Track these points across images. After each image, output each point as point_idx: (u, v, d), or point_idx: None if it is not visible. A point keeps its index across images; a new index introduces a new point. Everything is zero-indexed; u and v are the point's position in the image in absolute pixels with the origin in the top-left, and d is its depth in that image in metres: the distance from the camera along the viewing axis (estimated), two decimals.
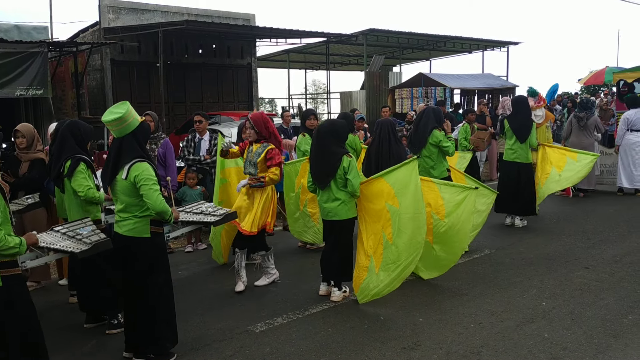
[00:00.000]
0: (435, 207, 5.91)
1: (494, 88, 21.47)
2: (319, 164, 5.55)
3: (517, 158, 8.37)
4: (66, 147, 4.97)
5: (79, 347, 4.71)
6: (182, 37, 17.08)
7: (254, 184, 5.72)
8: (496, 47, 25.20)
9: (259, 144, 5.79)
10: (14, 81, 10.96)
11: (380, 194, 5.45)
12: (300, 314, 5.29)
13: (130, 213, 4.21)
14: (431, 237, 5.89)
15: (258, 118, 5.84)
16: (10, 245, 3.37)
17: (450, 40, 23.31)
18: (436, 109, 7.51)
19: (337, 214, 5.51)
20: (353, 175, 5.38)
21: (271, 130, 5.82)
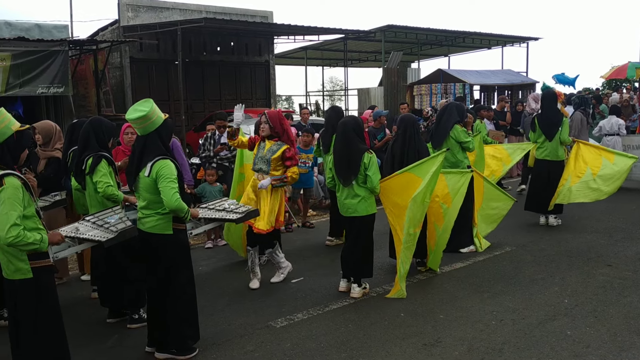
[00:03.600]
0: (443, 197, 6.13)
1: (514, 84, 21.25)
2: (345, 161, 5.53)
3: (548, 156, 8.16)
4: (88, 145, 5.00)
5: (101, 342, 4.77)
6: (201, 34, 17.18)
7: (277, 184, 5.74)
8: (516, 43, 24.97)
9: (273, 142, 5.78)
10: (36, 79, 11.14)
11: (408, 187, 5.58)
12: (320, 310, 5.30)
13: (152, 210, 4.24)
14: (441, 224, 6.11)
15: (274, 114, 5.86)
16: (29, 242, 3.40)
17: (469, 36, 23.14)
18: (459, 104, 7.46)
19: (357, 211, 5.51)
20: (373, 171, 5.40)
21: (285, 128, 5.83)
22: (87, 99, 14.53)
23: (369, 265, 5.64)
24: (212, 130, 8.34)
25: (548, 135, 8.11)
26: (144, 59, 16.81)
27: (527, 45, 24.69)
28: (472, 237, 7.02)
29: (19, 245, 3.38)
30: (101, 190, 4.85)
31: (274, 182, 5.72)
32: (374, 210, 5.60)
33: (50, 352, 3.64)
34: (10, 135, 3.54)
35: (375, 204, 5.65)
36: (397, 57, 20.50)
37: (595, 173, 7.97)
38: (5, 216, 3.32)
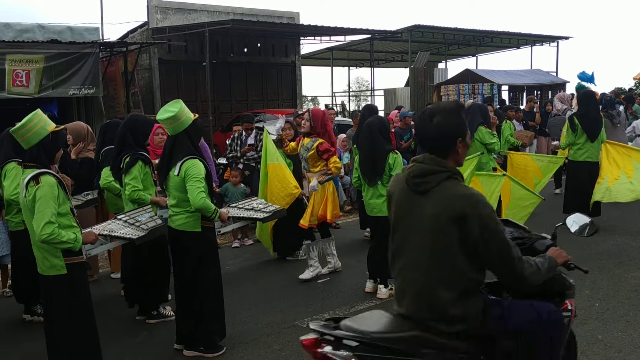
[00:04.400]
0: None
1: (544, 84, 20.92)
2: (370, 161, 5.55)
3: (589, 157, 7.95)
4: (125, 144, 5.07)
5: (131, 337, 4.86)
6: (228, 36, 17.32)
7: (324, 180, 5.84)
8: (545, 42, 24.57)
9: (309, 139, 5.85)
10: (68, 81, 11.37)
11: None
12: (346, 310, 5.30)
13: (182, 208, 4.31)
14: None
15: (318, 114, 5.96)
16: (63, 240, 3.49)
17: (497, 36, 22.86)
18: (482, 105, 7.41)
19: (382, 210, 5.51)
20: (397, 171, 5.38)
21: (327, 129, 5.88)
22: (117, 100, 14.77)
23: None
24: (238, 131, 8.42)
25: (592, 136, 7.85)
26: (172, 61, 17.02)
27: (557, 45, 24.28)
28: None
29: (52, 243, 3.46)
30: (128, 193, 4.91)
31: (320, 179, 5.79)
32: None
33: (83, 346, 3.73)
34: (46, 135, 3.63)
35: None
36: (424, 57, 20.38)
37: (630, 176, 7.80)
38: (41, 214, 3.42)
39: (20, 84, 10.76)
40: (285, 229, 6.77)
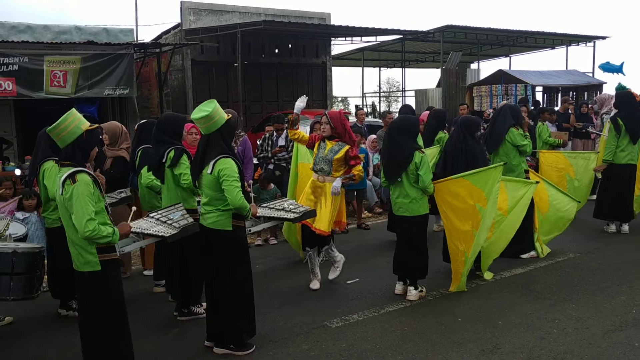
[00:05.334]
0: (499, 203, 5.94)
1: (579, 85, 20.47)
2: (390, 158, 5.57)
3: (632, 160, 7.75)
4: (162, 142, 5.14)
5: (162, 334, 4.92)
6: (259, 37, 17.44)
7: (347, 183, 5.82)
8: (581, 42, 24.05)
9: (334, 142, 5.79)
10: (103, 81, 11.60)
11: (468, 194, 5.55)
12: (376, 311, 5.28)
13: (214, 206, 4.35)
14: (491, 233, 5.92)
15: (335, 115, 5.88)
16: (103, 235, 3.57)
17: (531, 36, 22.48)
18: (513, 106, 7.28)
19: (408, 210, 5.49)
20: (424, 171, 5.38)
21: (347, 129, 5.84)
22: (150, 101, 15.02)
23: (423, 266, 5.58)
24: (270, 132, 8.46)
25: (634, 137, 7.68)
26: (205, 61, 17.21)
27: (593, 45, 23.73)
28: (533, 242, 6.82)
29: (95, 239, 3.54)
30: (187, 182, 4.96)
31: (344, 181, 5.76)
32: (425, 210, 5.56)
33: (115, 340, 3.79)
34: (80, 134, 3.70)
35: (428, 205, 5.60)
36: (456, 58, 20.16)
37: None
38: (82, 211, 3.50)
39: (57, 84, 11.03)
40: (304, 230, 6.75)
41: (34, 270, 4.05)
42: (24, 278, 3.97)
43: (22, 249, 4.00)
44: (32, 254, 3.99)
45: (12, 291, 3.91)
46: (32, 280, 4.03)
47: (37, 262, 4.09)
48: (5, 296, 3.92)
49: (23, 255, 3.92)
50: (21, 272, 3.95)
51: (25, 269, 3.98)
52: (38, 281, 4.11)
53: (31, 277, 4.02)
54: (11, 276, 3.91)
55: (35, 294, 4.11)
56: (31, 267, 4.03)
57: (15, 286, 3.92)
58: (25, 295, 4.03)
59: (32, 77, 10.71)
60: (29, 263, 4.01)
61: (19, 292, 3.96)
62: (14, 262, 3.91)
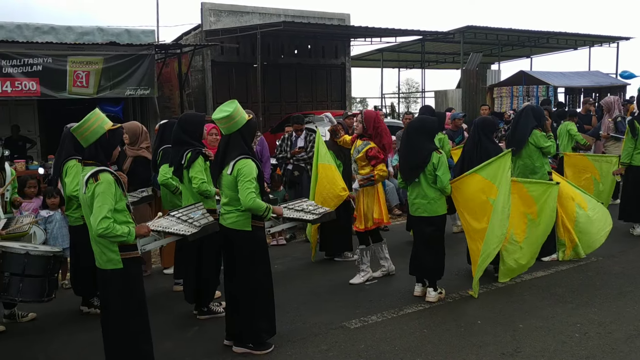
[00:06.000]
0: (527, 207, 5.87)
1: (602, 86, 20.20)
2: (408, 159, 5.57)
3: None
4: (182, 142, 5.20)
5: (182, 332, 4.96)
6: (279, 38, 17.49)
7: (365, 184, 5.82)
8: (604, 43, 23.72)
9: (361, 141, 5.84)
10: (125, 82, 11.72)
11: (480, 190, 5.52)
12: (394, 313, 5.26)
13: (233, 207, 4.37)
14: (522, 237, 5.83)
15: (371, 116, 5.93)
16: (117, 234, 3.60)
17: (553, 36, 22.22)
18: (536, 107, 7.20)
19: (426, 211, 5.49)
20: (442, 171, 5.37)
21: (379, 131, 5.85)
22: (172, 101, 15.14)
23: (440, 267, 5.56)
24: (289, 132, 8.48)
25: None
26: (224, 62, 17.31)
27: (617, 45, 23.39)
28: (555, 245, 6.72)
29: (108, 237, 3.58)
30: (196, 186, 5.03)
31: (361, 182, 5.77)
32: (443, 211, 5.55)
33: (136, 338, 3.83)
34: (103, 134, 3.75)
35: (445, 205, 5.58)
36: (476, 59, 20.02)
37: None
38: (99, 209, 3.54)
39: (80, 84, 11.17)
40: (332, 230, 6.78)
41: (47, 274, 4.05)
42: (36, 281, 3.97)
43: (35, 251, 4.02)
44: (46, 258, 4.00)
45: (21, 293, 3.93)
46: (44, 284, 4.04)
47: (51, 266, 4.08)
48: (14, 297, 3.93)
49: (36, 257, 3.94)
50: (33, 274, 3.96)
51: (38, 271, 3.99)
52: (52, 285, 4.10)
53: (43, 281, 4.03)
54: (22, 277, 3.93)
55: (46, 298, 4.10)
56: (44, 270, 4.04)
57: (24, 288, 3.93)
58: (34, 298, 4.02)
59: (55, 77, 10.86)
60: (42, 266, 4.02)
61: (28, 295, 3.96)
62: (25, 263, 3.94)
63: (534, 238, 5.96)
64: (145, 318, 3.89)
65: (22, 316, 5.29)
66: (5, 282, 3.87)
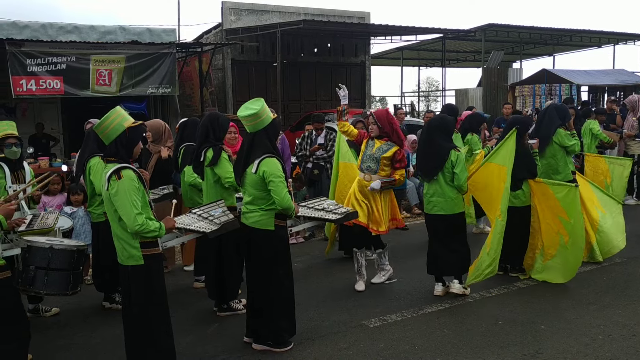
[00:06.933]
0: (555, 208, 5.80)
1: (627, 85, 19.84)
2: (427, 157, 5.55)
3: None
4: (207, 139, 5.23)
5: (202, 329, 4.99)
6: (299, 36, 17.51)
7: (386, 187, 5.73)
8: (629, 41, 23.34)
9: (383, 141, 5.74)
10: (146, 80, 11.83)
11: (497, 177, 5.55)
12: (414, 312, 5.23)
13: (257, 206, 4.37)
14: (567, 237, 5.74)
15: (382, 114, 5.84)
16: (151, 229, 3.65)
17: (576, 34, 21.91)
18: (559, 105, 7.11)
19: (444, 209, 5.48)
20: (460, 169, 5.36)
21: (394, 128, 5.79)
22: (192, 99, 15.25)
23: (460, 264, 5.53)
24: (309, 130, 8.48)
25: None
26: (244, 61, 17.39)
27: None
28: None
29: (143, 233, 3.62)
30: (230, 181, 5.04)
31: (384, 184, 5.70)
32: (461, 209, 5.54)
33: (157, 334, 3.86)
34: (123, 131, 3.77)
35: (463, 203, 5.56)
36: (497, 57, 19.84)
37: None
38: (129, 206, 3.58)
39: (103, 82, 11.30)
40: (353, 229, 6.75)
41: (71, 268, 4.11)
42: (60, 274, 4.03)
43: (59, 245, 4.07)
44: (70, 252, 4.06)
45: (46, 286, 3.99)
46: (68, 278, 4.09)
47: (75, 260, 4.14)
48: (39, 290, 4.01)
49: (60, 251, 4.00)
50: (57, 268, 4.02)
51: (62, 265, 4.05)
52: (76, 279, 4.16)
53: (68, 274, 4.09)
54: (47, 271, 3.99)
55: (71, 291, 4.16)
56: (69, 264, 4.10)
57: (49, 281, 3.99)
58: (58, 291, 4.09)
59: (78, 76, 11.00)
60: (66, 260, 4.08)
61: (52, 288, 4.03)
62: (50, 257, 4.00)
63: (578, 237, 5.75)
64: (166, 314, 3.92)
65: (46, 311, 5.38)
66: (31, 276, 3.94)
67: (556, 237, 5.82)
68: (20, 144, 5.19)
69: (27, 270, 3.97)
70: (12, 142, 5.09)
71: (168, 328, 3.93)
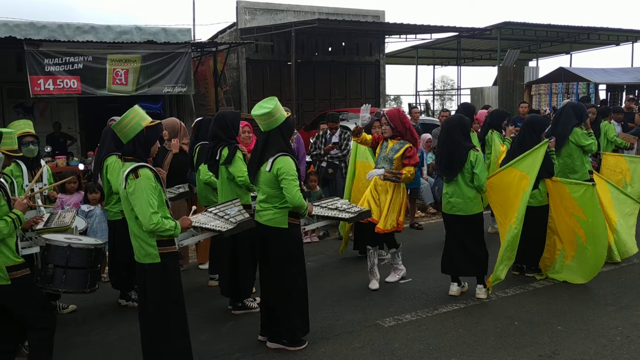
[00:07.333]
0: (572, 207, 5.73)
1: None
2: (447, 156, 5.49)
3: None
4: (218, 139, 5.25)
5: (217, 327, 5.02)
6: (313, 35, 17.50)
7: (389, 177, 5.71)
8: None
9: (395, 140, 5.76)
10: (162, 79, 11.89)
11: (517, 183, 5.48)
12: (429, 312, 5.21)
13: (270, 204, 4.39)
14: (584, 237, 5.68)
15: (394, 114, 5.83)
16: (166, 228, 3.67)
17: (594, 32, 21.65)
18: (576, 104, 7.04)
19: (463, 210, 5.45)
20: (480, 169, 5.34)
21: (407, 127, 5.78)
22: (207, 98, 15.31)
23: (478, 265, 5.49)
24: (324, 129, 8.48)
25: None
26: (259, 60, 17.42)
27: None
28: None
29: (158, 232, 3.64)
30: (243, 180, 5.07)
31: (387, 175, 5.69)
32: (480, 209, 5.51)
33: (173, 331, 3.88)
34: (141, 130, 3.80)
35: (482, 204, 5.53)
36: (513, 55, 19.66)
37: None
38: (145, 205, 3.60)
39: (119, 82, 11.38)
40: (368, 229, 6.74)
41: (89, 266, 4.15)
42: (78, 273, 4.07)
43: (77, 244, 4.12)
44: (88, 250, 4.11)
45: (64, 284, 4.04)
46: (86, 276, 4.14)
47: (93, 258, 4.19)
48: (58, 288, 4.06)
49: (78, 250, 4.05)
50: (75, 266, 4.06)
51: (80, 263, 4.09)
52: (94, 276, 4.21)
53: (86, 273, 4.13)
54: (65, 269, 4.03)
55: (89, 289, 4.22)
56: (87, 262, 4.15)
57: (67, 279, 4.04)
58: (77, 289, 4.14)
59: (95, 75, 11.09)
60: (84, 258, 4.13)
61: (71, 286, 4.08)
62: (68, 256, 4.04)
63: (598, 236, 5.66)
64: (182, 312, 3.94)
65: (63, 308, 5.44)
66: (50, 274, 3.99)
67: (573, 237, 5.76)
68: (37, 143, 5.26)
69: (46, 268, 4.03)
70: (29, 141, 5.17)
71: (184, 327, 3.95)
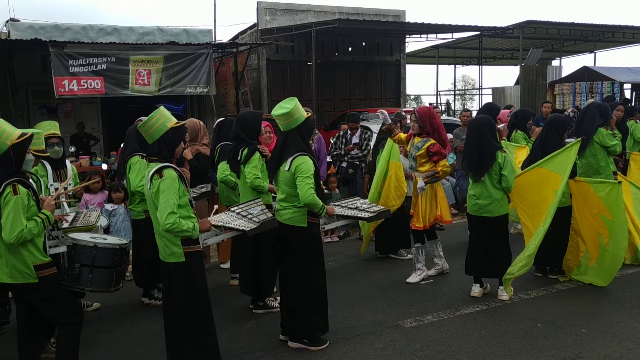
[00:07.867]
0: (598, 207, 5.65)
1: None
2: (478, 155, 5.43)
3: None
4: (240, 139, 5.31)
5: (238, 326, 5.05)
6: (333, 35, 17.50)
7: (430, 181, 5.77)
8: None
9: (420, 138, 5.79)
10: (184, 80, 12.02)
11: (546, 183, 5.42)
12: (450, 313, 5.18)
13: (290, 203, 4.42)
14: (607, 238, 5.58)
15: (424, 112, 5.84)
16: (183, 229, 3.70)
17: (619, 30, 21.29)
18: (601, 104, 6.95)
19: (489, 211, 5.41)
20: (508, 170, 5.30)
21: (436, 127, 5.78)
22: (226, 99, 15.43)
23: (500, 268, 5.44)
24: (344, 130, 8.48)
25: None
26: (279, 61, 17.48)
27: None
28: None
29: (174, 232, 3.68)
30: (249, 181, 5.15)
31: (426, 180, 5.72)
32: (506, 211, 5.48)
33: (198, 330, 3.92)
34: (166, 131, 3.85)
35: (507, 205, 5.50)
36: (536, 54, 19.42)
37: None
38: (165, 204, 3.65)
39: (142, 82, 11.53)
40: (390, 227, 6.75)
41: (115, 265, 4.22)
42: (104, 272, 4.13)
43: (103, 244, 4.19)
44: (113, 250, 4.17)
45: (90, 283, 4.10)
46: (112, 275, 4.21)
47: (118, 257, 4.26)
48: (84, 287, 4.13)
49: (104, 250, 4.11)
50: (101, 265, 4.13)
51: (106, 263, 4.16)
52: (119, 275, 4.28)
53: (111, 272, 4.20)
54: (91, 269, 4.10)
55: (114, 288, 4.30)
56: (112, 262, 4.22)
57: (93, 278, 4.10)
58: (102, 288, 4.21)
59: (118, 76, 11.26)
60: (109, 258, 4.19)
61: (97, 285, 4.14)
62: (94, 255, 4.11)
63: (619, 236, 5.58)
64: (207, 310, 3.97)
65: (87, 306, 5.53)
66: (76, 273, 4.06)
67: (597, 238, 5.68)
68: (62, 144, 5.35)
69: (72, 267, 4.09)
70: (54, 142, 5.27)
71: (210, 325, 3.98)
